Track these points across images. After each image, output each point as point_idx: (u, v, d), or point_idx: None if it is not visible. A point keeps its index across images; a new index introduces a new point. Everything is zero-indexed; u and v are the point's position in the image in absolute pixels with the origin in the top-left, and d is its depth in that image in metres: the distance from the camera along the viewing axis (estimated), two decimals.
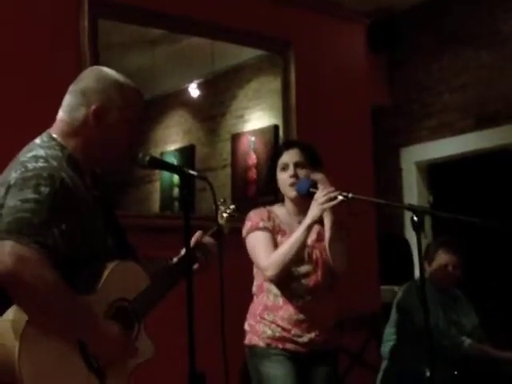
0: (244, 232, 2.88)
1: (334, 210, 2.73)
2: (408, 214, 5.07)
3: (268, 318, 2.81)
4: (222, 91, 5.02)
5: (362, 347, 3.72)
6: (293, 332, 2.78)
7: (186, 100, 5.12)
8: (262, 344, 2.81)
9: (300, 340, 2.78)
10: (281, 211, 2.93)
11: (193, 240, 2.22)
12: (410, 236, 5.12)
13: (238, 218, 2.59)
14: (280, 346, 2.78)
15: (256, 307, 2.88)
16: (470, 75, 5.15)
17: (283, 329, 2.78)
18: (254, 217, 2.87)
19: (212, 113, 5.06)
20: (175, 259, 2.21)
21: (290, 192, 2.87)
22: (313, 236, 2.85)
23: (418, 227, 2.34)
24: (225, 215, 2.41)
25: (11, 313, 1.76)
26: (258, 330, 2.83)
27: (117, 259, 1.97)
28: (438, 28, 5.40)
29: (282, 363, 2.77)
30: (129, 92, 2.02)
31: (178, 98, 5.24)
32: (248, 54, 4.56)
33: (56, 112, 2.02)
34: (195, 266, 2.21)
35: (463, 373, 3.55)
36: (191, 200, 2.06)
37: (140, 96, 2.07)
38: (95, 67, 2.13)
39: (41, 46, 3.44)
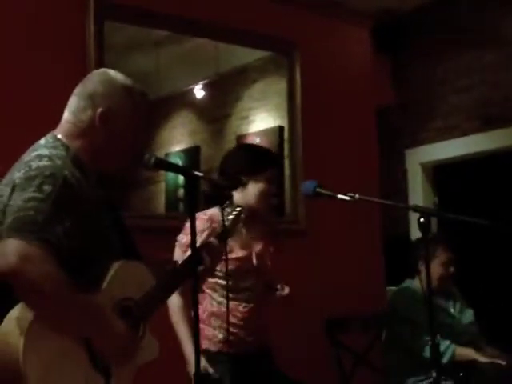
0: (179, 236, 2.79)
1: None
2: (413, 216, 5.05)
3: (215, 323, 2.80)
4: (226, 92, 5.02)
5: (366, 348, 3.71)
6: (241, 335, 2.80)
7: (191, 101, 5.12)
8: (213, 349, 2.80)
9: (248, 342, 2.81)
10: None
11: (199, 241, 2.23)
12: (416, 237, 5.11)
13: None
14: (231, 350, 2.77)
15: (201, 313, 2.78)
16: (475, 76, 5.13)
17: (232, 333, 2.76)
18: (187, 229, 2.59)
19: (217, 114, 5.06)
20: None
21: (266, 205, 2.86)
22: (259, 246, 2.89)
23: (424, 229, 2.33)
24: (230, 217, 2.41)
25: (16, 310, 1.76)
26: (208, 334, 2.81)
27: (122, 259, 1.97)
28: (442, 29, 5.39)
29: (228, 370, 2.75)
30: (135, 96, 2.03)
31: (183, 99, 5.24)
32: (253, 55, 4.55)
33: (61, 113, 2.04)
34: (201, 267, 2.21)
35: (469, 374, 3.52)
36: (196, 201, 2.06)
37: (146, 99, 2.08)
38: (102, 70, 2.13)
39: (46, 47, 3.44)
